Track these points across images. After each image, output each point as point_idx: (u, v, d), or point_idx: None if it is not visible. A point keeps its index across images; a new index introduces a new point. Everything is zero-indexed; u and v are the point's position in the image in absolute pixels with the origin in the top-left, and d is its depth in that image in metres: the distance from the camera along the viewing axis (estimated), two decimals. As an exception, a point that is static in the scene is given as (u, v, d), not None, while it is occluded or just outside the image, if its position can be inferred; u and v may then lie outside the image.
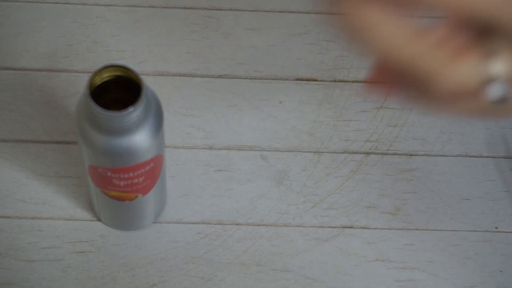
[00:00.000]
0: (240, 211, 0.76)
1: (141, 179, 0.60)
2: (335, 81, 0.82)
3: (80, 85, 0.80)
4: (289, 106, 0.80)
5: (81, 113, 0.55)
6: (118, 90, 0.55)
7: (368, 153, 0.79)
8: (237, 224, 0.76)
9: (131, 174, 0.59)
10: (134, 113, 0.52)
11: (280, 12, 0.84)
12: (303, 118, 0.80)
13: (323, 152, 0.79)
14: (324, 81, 0.82)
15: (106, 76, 0.54)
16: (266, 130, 0.79)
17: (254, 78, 0.81)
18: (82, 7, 0.83)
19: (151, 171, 0.60)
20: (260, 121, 0.80)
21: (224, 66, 0.82)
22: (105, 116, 0.51)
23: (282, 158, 0.79)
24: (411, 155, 0.79)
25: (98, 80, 0.54)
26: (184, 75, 0.81)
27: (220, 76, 0.81)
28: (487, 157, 0.80)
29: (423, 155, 0.80)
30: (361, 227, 0.77)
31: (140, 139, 0.54)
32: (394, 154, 0.80)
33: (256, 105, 0.80)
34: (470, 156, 0.80)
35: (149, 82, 0.80)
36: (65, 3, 0.83)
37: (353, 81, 0.82)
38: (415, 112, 0.81)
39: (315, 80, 0.82)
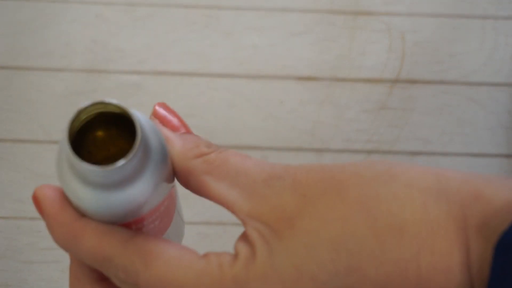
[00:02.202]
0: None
1: (156, 223, 0.47)
2: (336, 80, 0.81)
3: (79, 84, 0.79)
4: (289, 106, 0.80)
5: (63, 162, 0.42)
6: (109, 129, 0.44)
7: (369, 152, 0.79)
8: (238, 225, 0.75)
9: (144, 223, 0.46)
10: (128, 164, 0.40)
11: (281, 10, 0.83)
12: (304, 118, 0.79)
13: (324, 152, 0.79)
14: (325, 80, 0.81)
15: (93, 113, 0.42)
16: (267, 130, 0.79)
17: (255, 78, 0.81)
18: (80, 6, 0.82)
19: (167, 209, 0.47)
20: (261, 121, 0.79)
21: (224, 65, 0.81)
22: (90, 171, 0.39)
23: (282, 158, 0.78)
24: (413, 155, 0.79)
25: (83, 119, 0.42)
26: (184, 74, 0.80)
27: (220, 76, 0.81)
28: (490, 157, 0.79)
29: (425, 155, 0.79)
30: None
31: (144, 188, 0.42)
32: (396, 154, 0.79)
33: (256, 104, 0.80)
34: (472, 156, 0.79)
35: (148, 81, 0.80)
36: (63, 2, 0.83)
37: (354, 81, 0.81)
38: (417, 113, 0.80)
39: (316, 79, 0.81)
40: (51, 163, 0.76)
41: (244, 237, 0.41)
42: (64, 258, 0.73)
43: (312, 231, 0.39)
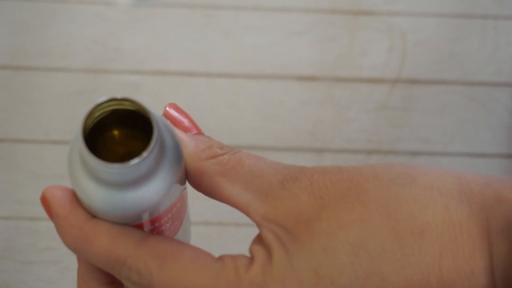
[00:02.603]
0: (240, 212, 0.75)
1: (168, 225, 0.46)
2: (336, 80, 0.81)
3: (78, 84, 0.79)
4: (289, 106, 0.79)
5: (76, 161, 0.41)
6: (123, 127, 0.43)
7: (370, 153, 0.78)
8: (237, 225, 0.75)
9: (156, 224, 0.44)
10: (144, 162, 0.38)
11: (281, 10, 0.83)
12: (304, 118, 0.79)
13: (324, 152, 0.78)
14: (325, 80, 0.81)
15: (108, 109, 0.41)
16: (267, 130, 0.78)
17: (255, 78, 0.81)
18: (80, 6, 0.82)
19: (178, 211, 0.46)
20: (261, 121, 0.79)
21: (224, 65, 0.81)
22: (106, 168, 0.38)
23: (282, 159, 0.77)
24: (413, 155, 0.79)
25: (97, 116, 0.41)
26: (184, 74, 0.80)
27: (220, 75, 0.80)
28: (491, 157, 0.79)
29: (425, 155, 0.79)
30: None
31: (158, 187, 0.40)
32: (397, 154, 0.79)
33: (256, 104, 0.79)
34: (473, 156, 0.79)
35: (148, 81, 0.80)
36: (63, 2, 0.82)
37: (354, 80, 0.81)
38: (417, 113, 0.80)
39: (316, 79, 0.81)
40: (50, 163, 0.76)
41: (259, 239, 0.40)
42: (63, 259, 0.72)
43: (331, 234, 0.38)
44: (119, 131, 0.43)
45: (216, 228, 0.75)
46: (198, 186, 0.42)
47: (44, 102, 0.78)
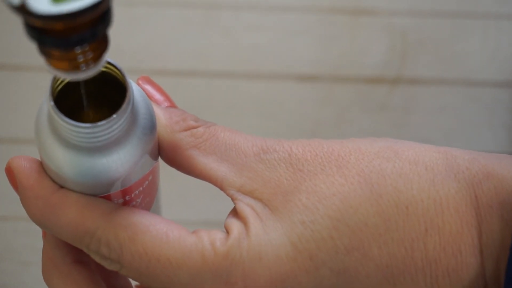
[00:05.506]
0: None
1: (138, 200, 0.44)
2: (336, 79, 0.81)
3: (77, 84, 0.79)
4: (290, 106, 0.79)
5: (44, 127, 0.39)
6: (94, 91, 0.40)
7: (370, 153, 0.78)
8: (237, 226, 0.75)
9: (127, 198, 0.42)
10: (114, 124, 0.37)
11: (281, 9, 0.83)
12: (304, 118, 0.79)
13: (324, 152, 0.78)
14: (326, 80, 0.80)
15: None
16: (267, 130, 0.78)
17: (255, 77, 0.80)
18: (79, 5, 0.82)
19: (150, 186, 0.44)
20: (260, 121, 0.78)
21: (224, 64, 0.80)
22: (74, 129, 0.36)
23: (283, 159, 0.77)
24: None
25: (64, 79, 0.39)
26: (183, 74, 0.80)
27: (219, 75, 0.80)
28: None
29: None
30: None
31: (129, 154, 0.39)
32: (397, 154, 0.78)
33: (256, 104, 0.79)
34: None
35: (147, 81, 0.79)
36: (62, 1, 0.82)
37: (355, 80, 0.81)
38: (418, 112, 0.80)
39: (316, 78, 0.81)
40: (49, 163, 0.76)
41: (234, 213, 0.38)
42: (61, 259, 0.72)
43: (310, 207, 0.36)
44: (90, 95, 0.40)
45: (216, 228, 0.75)
46: (171, 160, 0.40)
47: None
